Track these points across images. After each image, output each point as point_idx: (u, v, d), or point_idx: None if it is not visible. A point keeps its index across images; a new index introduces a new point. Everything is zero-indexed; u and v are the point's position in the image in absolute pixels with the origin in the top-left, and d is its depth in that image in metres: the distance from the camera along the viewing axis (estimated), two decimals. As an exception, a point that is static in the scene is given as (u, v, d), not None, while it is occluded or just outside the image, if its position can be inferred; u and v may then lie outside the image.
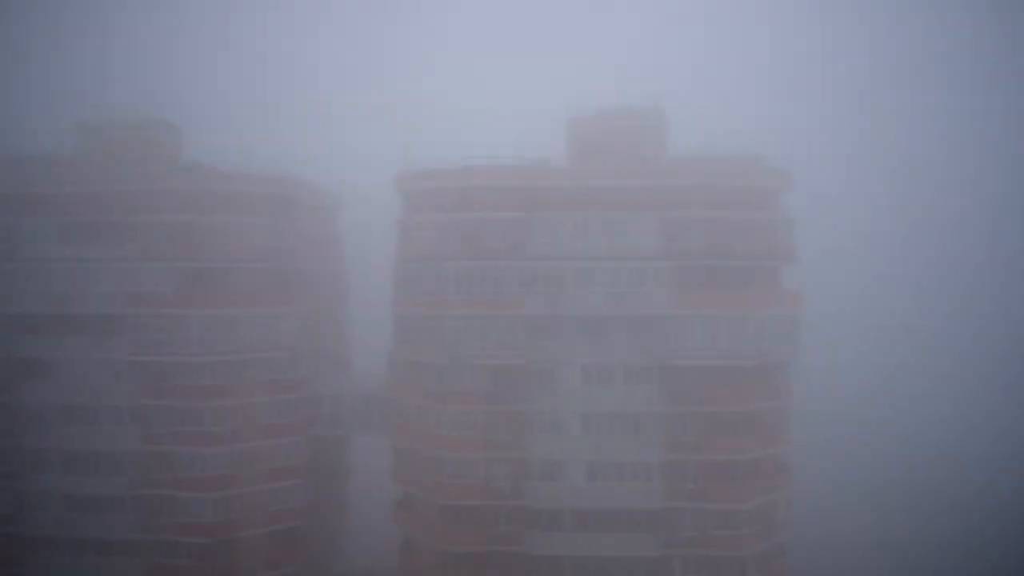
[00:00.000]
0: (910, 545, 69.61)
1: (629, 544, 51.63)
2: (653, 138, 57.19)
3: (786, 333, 53.49)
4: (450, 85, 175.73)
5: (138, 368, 54.90)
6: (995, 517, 75.44)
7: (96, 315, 54.99)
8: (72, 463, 55.50)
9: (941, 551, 68.54)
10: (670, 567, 51.96)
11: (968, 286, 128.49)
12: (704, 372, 51.57)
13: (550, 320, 52.03)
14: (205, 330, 54.29)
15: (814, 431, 58.81)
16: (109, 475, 55.23)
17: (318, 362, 61.33)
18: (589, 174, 53.86)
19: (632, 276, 51.71)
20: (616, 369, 51.90)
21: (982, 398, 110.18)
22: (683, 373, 51.59)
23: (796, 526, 56.69)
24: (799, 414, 57.39)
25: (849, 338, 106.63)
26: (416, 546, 55.81)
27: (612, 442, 51.71)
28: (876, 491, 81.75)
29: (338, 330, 67.45)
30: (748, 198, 53.19)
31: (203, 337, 54.28)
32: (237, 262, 55.52)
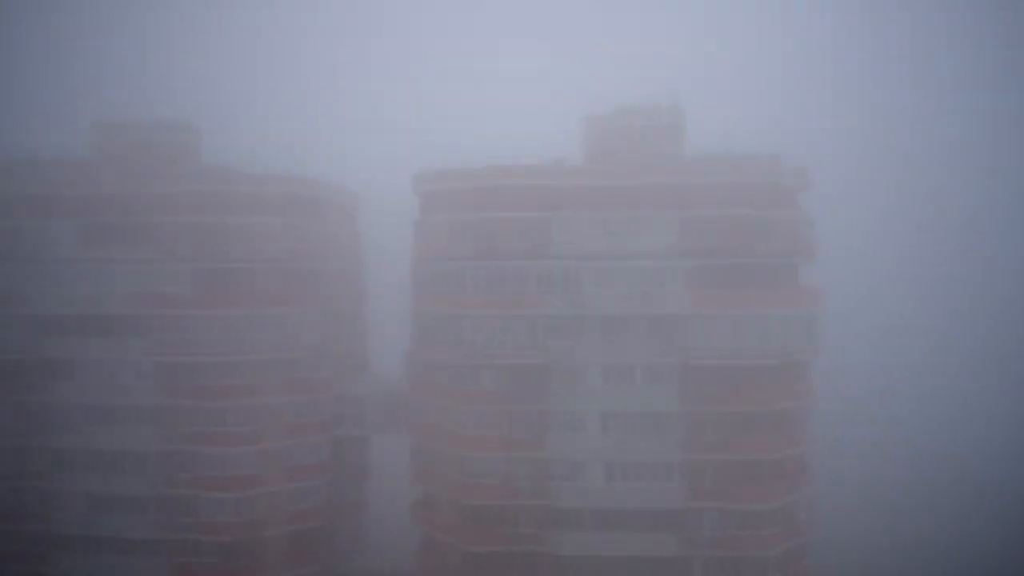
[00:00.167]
0: (925, 545, 68.96)
1: (650, 544, 51.38)
2: (671, 136, 57.05)
3: (807, 332, 53.12)
4: (467, 85, 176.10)
5: (160, 368, 55.26)
6: (1007, 518, 74.64)
7: (118, 316, 55.42)
8: (95, 463, 55.95)
9: (952, 551, 67.84)
10: (691, 567, 51.66)
11: (977, 286, 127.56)
12: (725, 372, 51.25)
13: (569, 320, 51.88)
14: (226, 330, 54.60)
15: (823, 431, 58.40)
16: (132, 475, 55.67)
17: (338, 362, 61.42)
18: (607, 173, 53.62)
19: (651, 275, 51.48)
20: (636, 369, 51.68)
21: (991, 398, 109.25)
22: (703, 372, 51.31)
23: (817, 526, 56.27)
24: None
25: (856, 338, 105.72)
26: (436, 546, 55.84)
27: (633, 442, 51.53)
28: (887, 491, 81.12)
29: (358, 330, 67.56)
30: (768, 196, 52.78)
31: (224, 337, 54.59)
32: (257, 262, 55.75)
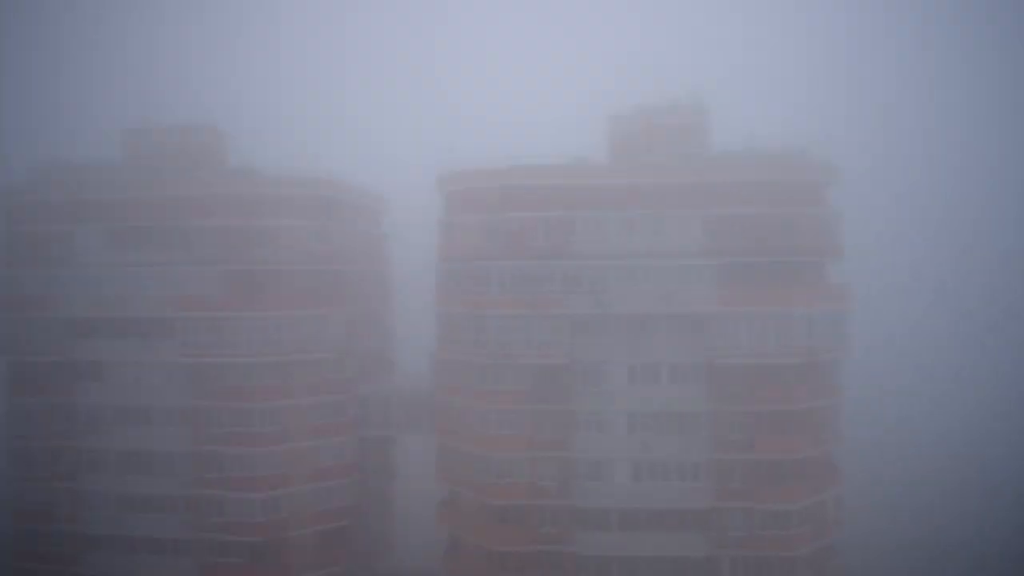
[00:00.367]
0: (944, 544, 68.20)
1: (677, 544, 51.18)
2: (695, 135, 56.69)
3: (834, 330, 52.64)
4: (490, 85, 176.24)
5: (188, 370, 55.83)
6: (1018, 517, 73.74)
7: (147, 318, 56.07)
8: (126, 463, 56.66)
9: (969, 550, 66.99)
10: (719, 567, 51.42)
11: (986, 286, 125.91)
12: (751, 370, 50.92)
13: (594, 319, 51.78)
14: (254, 332, 55.05)
15: (850, 431, 57.92)
16: (161, 475, 56.29)
17: (364, 363, 61.80)
18: (631, 172, 53.39)
19: (677, 274, 51.21)
20: (662, 368, 51.48)
21: (1003, 397, 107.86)
22: (730, 371, 51.03)
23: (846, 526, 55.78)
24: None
25: (865, 337, 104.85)
26: (462, 546, 55.93)
27: (659, 441, 51.34)
28: (905, 490, 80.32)
29: (384, 330, 67.88)
30: (793, 193, 52.36)
31: (252, 339, 55.05)
32: (284, 264, 56.16)
